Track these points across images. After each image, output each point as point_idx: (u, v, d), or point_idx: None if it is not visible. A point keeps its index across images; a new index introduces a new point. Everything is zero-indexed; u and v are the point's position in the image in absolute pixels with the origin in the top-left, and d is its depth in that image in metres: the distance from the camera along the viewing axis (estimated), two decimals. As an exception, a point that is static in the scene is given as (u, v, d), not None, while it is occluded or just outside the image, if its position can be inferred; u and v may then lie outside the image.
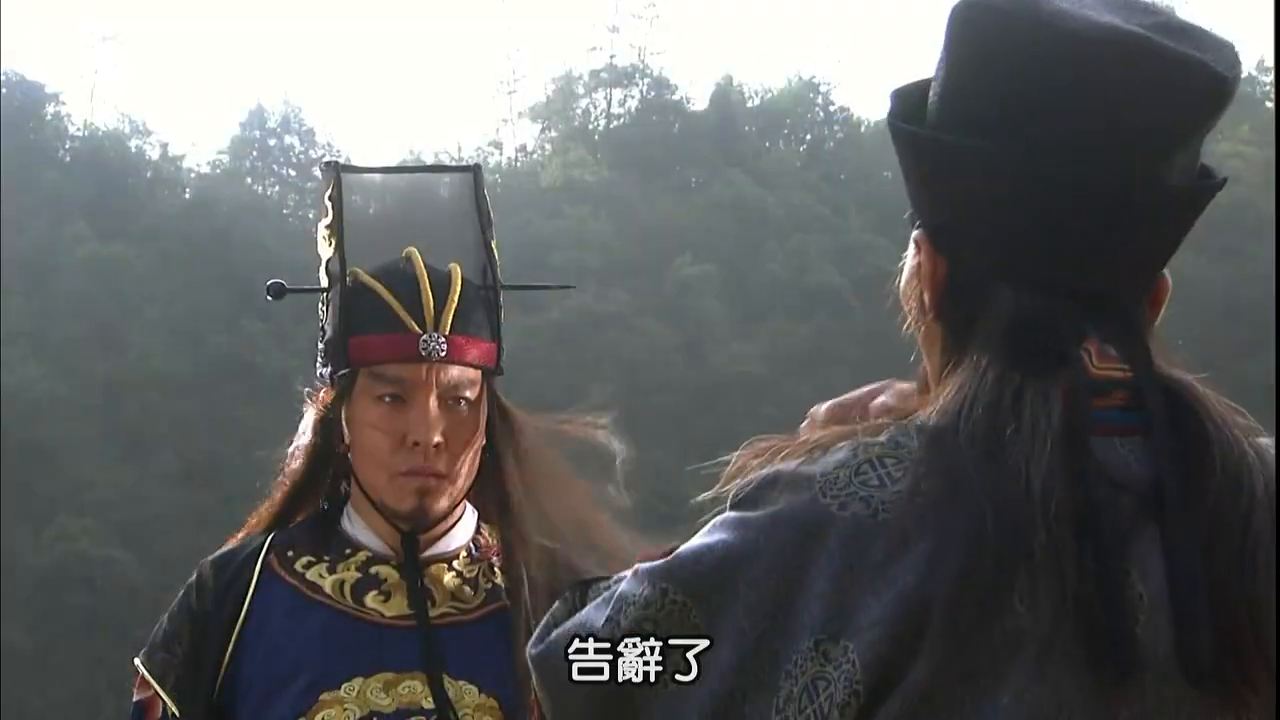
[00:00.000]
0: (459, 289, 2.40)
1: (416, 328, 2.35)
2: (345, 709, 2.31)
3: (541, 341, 56.14)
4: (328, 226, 2.40)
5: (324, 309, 2.41)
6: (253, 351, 60.03)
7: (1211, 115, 1.59)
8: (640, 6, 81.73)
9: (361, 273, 2.37)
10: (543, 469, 2.54)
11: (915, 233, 1.76)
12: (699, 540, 1.64)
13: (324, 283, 2.41)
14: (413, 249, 2.38)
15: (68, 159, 72.87)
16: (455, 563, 2.47)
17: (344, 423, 2.41)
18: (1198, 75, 1.54)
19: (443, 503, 2.40)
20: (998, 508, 1.49)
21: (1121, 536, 1.51)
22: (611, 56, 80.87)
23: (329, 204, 2.40)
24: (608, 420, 2.73)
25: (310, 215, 2.72)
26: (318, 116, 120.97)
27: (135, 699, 2.43)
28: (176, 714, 2.36)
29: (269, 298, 2.51)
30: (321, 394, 2.46)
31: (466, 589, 2.45)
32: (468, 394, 2.39)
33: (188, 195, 73.55)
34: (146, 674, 2.41)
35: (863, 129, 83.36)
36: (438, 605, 2.41)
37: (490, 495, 2.49)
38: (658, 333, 63.56)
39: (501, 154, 79.12)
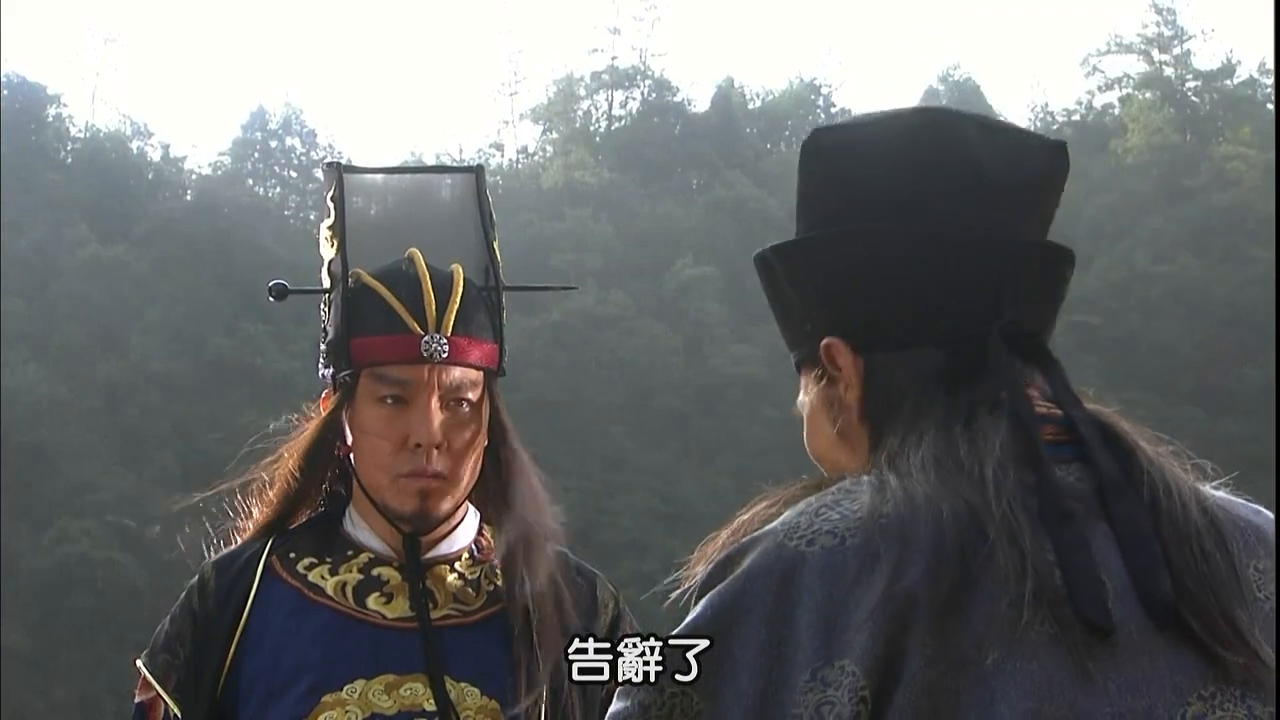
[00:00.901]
0: (461, 290, 2.40)
1: (419, 329, 2.35)
2: (347, 711, 2.30)
3: (542, 343, 56.20)
4: (330, 227, 2.40)
5: (326, 310, 2.41)
6: (254, 353, 60.08)
7: (1058, 177, 1.80)
8: (641, 9, 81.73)
9: (364, 274, 2.36)
10: (531, 474, 2.53)
11: (823, 352, 1.78)
12: (681, 630, 1.63)
13: (326, 284, 2.41)
14: (415, 250, 2.38)
15: (69, 161, 72.91)
16: (458, 564, 2.46)
17: (345, 425, 2.40)
18: (1038, 142, 1.79)
19: (445, 504, 2.39)
20: (955, 505, 1.55)
21: (1078, 517, 1.58)
22: (613, 58, 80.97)
23: (331, 205, 2.40)
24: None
25: (312, 217, 2.68)
26: (319, 118, 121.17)
27: (137, 700, 2.43)
28: (178, 716, 2.35)
29: (271, 299, 2.51)
30: (323, 396, 2.45)
31: (469, 591, 2.44)
32: (470, 395, 2.38)
33: (189, 197, 73.58)
34: (149, 675, 2.42)
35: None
36: (440, 607, 2.40)
37: (493, 497, 2.51)
38: (658, 334, 63.60)
39: (502, 156, 79.12)
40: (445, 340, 2.34)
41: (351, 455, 2.41)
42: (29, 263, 62.48)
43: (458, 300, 2.38)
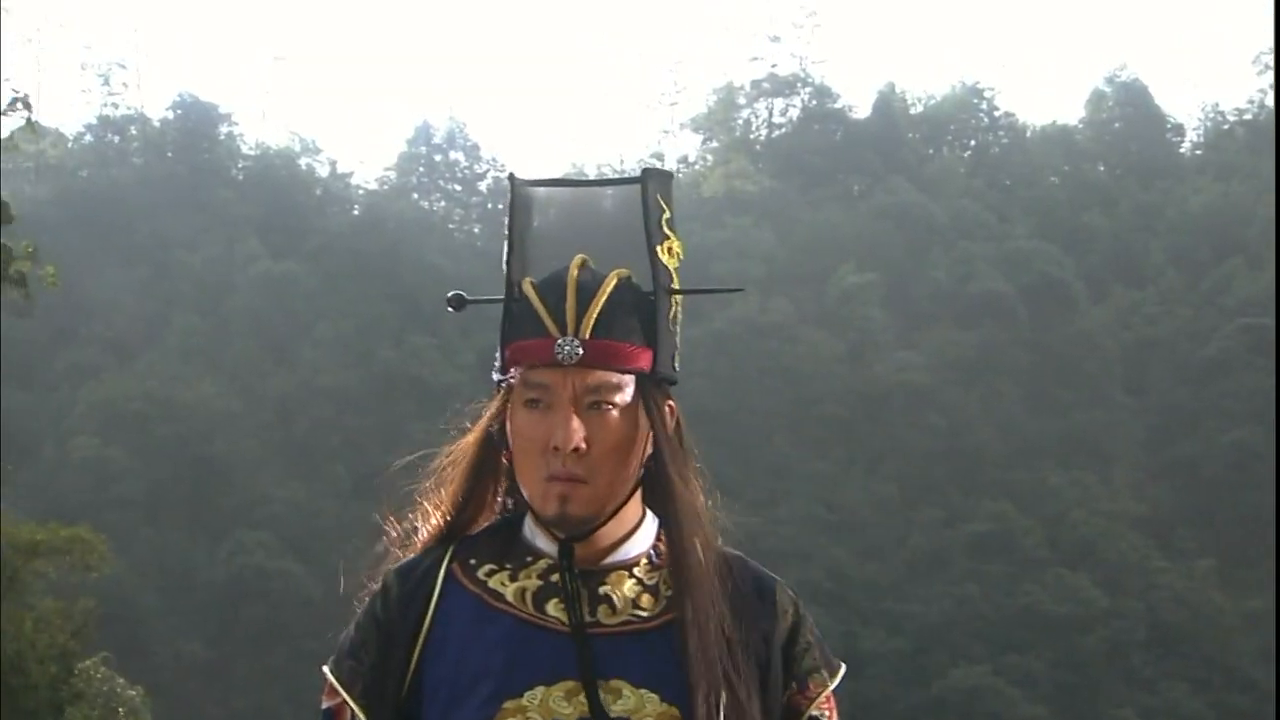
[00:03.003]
0: (607, 293, 2.38)
1: (555, 331, 2.36)
2: (528, 717, 2.30)
3: (704, 351, 56.14)
4: (506, 238, 2.44)
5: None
6: (421, 366, 60.73)
7: None
8: (801, 16, 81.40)
9: (526, 282, 2.41)
10: (689, 482, 2.46)
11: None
12: None
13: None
14: (580, 256, 2.41)
15: (240, 178, 74.26)
16: (635, 570, 2.42)
17: (508, 431, 2.43)
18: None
19: (586, 509, 2.36)
20: None
21: None
22: (772, 66, 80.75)
23: (507, 216, 2.44)
24: None
25: (476, 230, 2.69)
26: (482, 132, 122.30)
27: (324, 706, 2.43)
28: None
29: (450, 309, 2.54)
30: (490, 402, 2.49)
31: (647, 596, 2.40)
32: (615, 399, 2.36)
33: (356, 212, 74.61)
34: (335, 682, 2.44)
35: (1028, 134, 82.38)
36: (618, 613, 2.37)
37: (661, 502, 2.46)
38: (821, 342, 63.25)
39: (663, 165, 78.93)
40: (578, 342, 2.33)
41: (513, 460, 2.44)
42: (203, 279, 63.75)
43: (599, 304, 2.37)
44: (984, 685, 49.18)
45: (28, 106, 26.29)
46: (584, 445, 2.33)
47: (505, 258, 2.46)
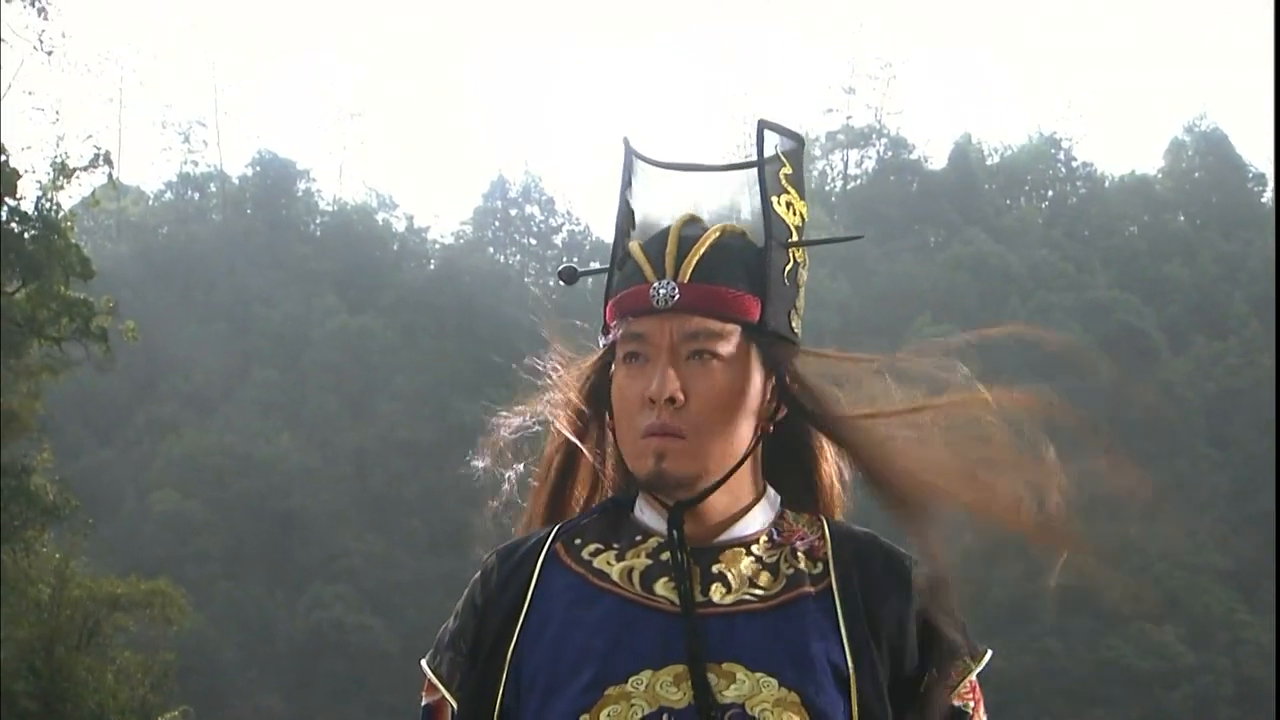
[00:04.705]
0: (710, 240, 2.24)
1: (653, 276, 2.21)
2: (633, 704, 2.11)
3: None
4: (618, 206, 2.32)
5: None
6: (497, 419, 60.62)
7: None
8: (876, 67, 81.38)
9: (633, 243, 2.29)
10: (872, 436, 2.28)
11: None
12: None
13: None
14: (687, 212, 2.29)
15: (318, 233, 74.91)
16: (754, 547, 2.23)
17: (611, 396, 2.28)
18: None
19: (685, 466, 2.17)
20: None
21: None
22: (848, 117, 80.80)
23: (620, 182, 2.32)
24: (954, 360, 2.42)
25: (551, 283, 2.57)
26: (557, 185, 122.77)
27: (424, 703, 2.31)
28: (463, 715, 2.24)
29: (561, 282, 2.41)
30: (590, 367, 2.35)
31: (766, 575, 2.21)
32: (717, 349, 2.18)
33: (432, 266, 75.07)
34: (433, 677, 2.28)
35: (1106, 184, 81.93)
36: (734, 592, 2.18)
37: (796, 478, 2.31)
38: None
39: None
40: (675, 286, 2.18)
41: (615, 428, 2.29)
42: (281, 334, 64.24)
43: (702, 249, 2.22)
44: (1068, 741, 48.63)
45: (109, 163, 26.66)
46: (681, 396, 2.17)
47: (616, 224, 2.34)
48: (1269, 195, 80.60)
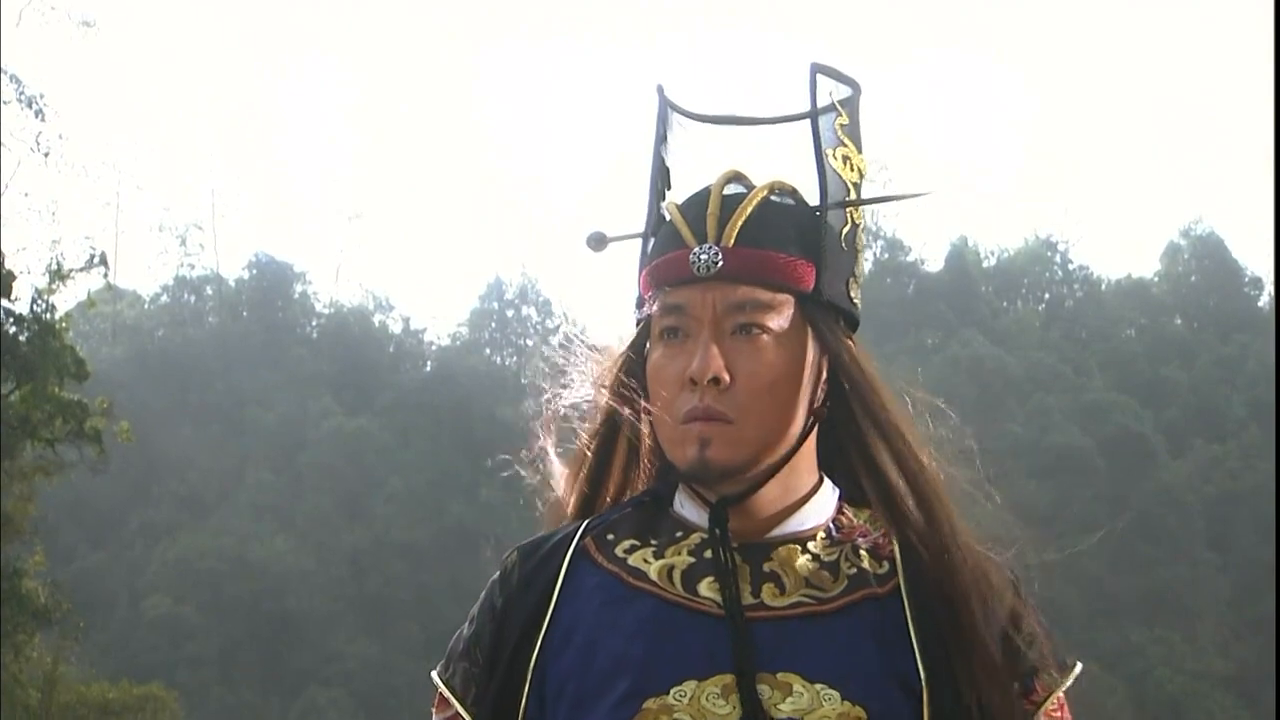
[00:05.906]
0: (757, 200, 2.01)
1: (693, 241, 1.98)
2: (675, 718, 1.86)
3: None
4: (652, 163, 2.13)
5: None
6: (493, 521, 60.55)
7: None
8: (873, 170, 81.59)
9: (669, 203, 2.08)
10: (921, 458, 2.11)
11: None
12: None
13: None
14: (731, 169, 2.06)
15: (314, 335, 75.00)
16: (811, 544, 2.00)
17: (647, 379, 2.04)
18: None
19: (732, 454, 1.94)
20: None
21: None
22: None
23: (654, 136, 2.12)
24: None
25: (547, 385, 2.33)
26: (554, 287, 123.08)
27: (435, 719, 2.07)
28: None
29: (590, 248, 2.19)
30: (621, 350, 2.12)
31: (824, 574, 1.97)
32: (767, 321, 1.95)
33: (428, 368, 75.13)
34: (444, 690, 2.05)
35: (1103, 287, 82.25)
36: (789, 593, 1.94)
37: (858, 470, 2.06)
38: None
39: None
40: (718, 250, 1.95)
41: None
42: (277, 436, 64.11)
43: (749, 209, 1.99)
44: None
45: (105, 265, 26.70)
46: (726, 376, 1.93)
47: (650, 183, 2.15)
48: (1265, 299, 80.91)
